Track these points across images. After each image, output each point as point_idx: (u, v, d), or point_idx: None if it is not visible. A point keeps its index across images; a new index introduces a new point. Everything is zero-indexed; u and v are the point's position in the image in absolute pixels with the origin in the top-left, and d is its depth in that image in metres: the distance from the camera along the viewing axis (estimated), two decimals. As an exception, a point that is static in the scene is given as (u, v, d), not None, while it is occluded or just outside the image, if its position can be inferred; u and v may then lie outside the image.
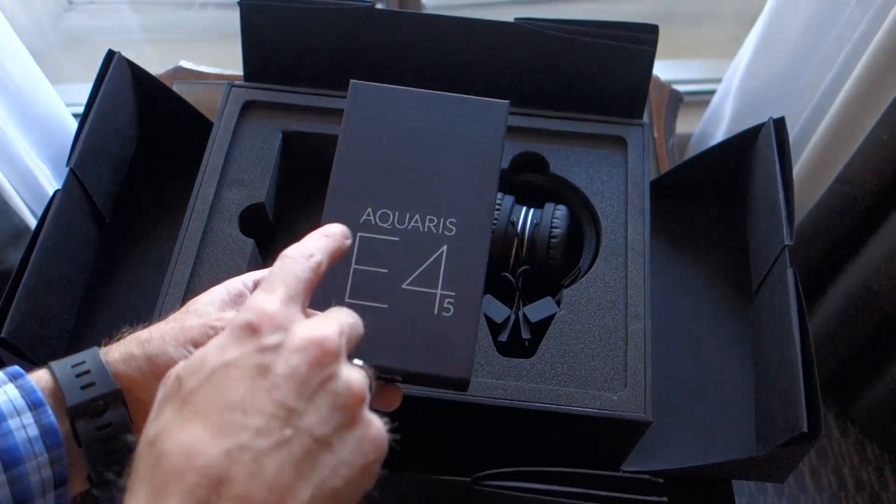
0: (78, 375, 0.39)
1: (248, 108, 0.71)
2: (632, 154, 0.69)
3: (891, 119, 0.88)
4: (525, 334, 0.62)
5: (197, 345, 0.39)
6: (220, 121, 0.70)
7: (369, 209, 0.43)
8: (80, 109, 0.69)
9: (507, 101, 0.46)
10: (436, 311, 0.41)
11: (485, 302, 0.63)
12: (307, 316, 0.35)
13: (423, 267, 0.42)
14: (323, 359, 0.32)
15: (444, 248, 0.42)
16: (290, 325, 0.33)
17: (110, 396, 0.39)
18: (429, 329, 0.41)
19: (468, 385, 0.41)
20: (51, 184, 1.04)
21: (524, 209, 0.67)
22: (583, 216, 0.68)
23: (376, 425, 0.34)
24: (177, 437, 0.30)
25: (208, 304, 0.42)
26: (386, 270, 0.42)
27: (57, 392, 0.39)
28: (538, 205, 0.68)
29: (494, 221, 0.66)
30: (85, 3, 1.34)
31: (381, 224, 0.42)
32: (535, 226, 0.66)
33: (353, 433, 0.32)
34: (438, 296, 0.41)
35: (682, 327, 0.71)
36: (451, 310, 0.41)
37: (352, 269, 0.42)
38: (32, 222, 0.96)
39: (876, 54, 0.88)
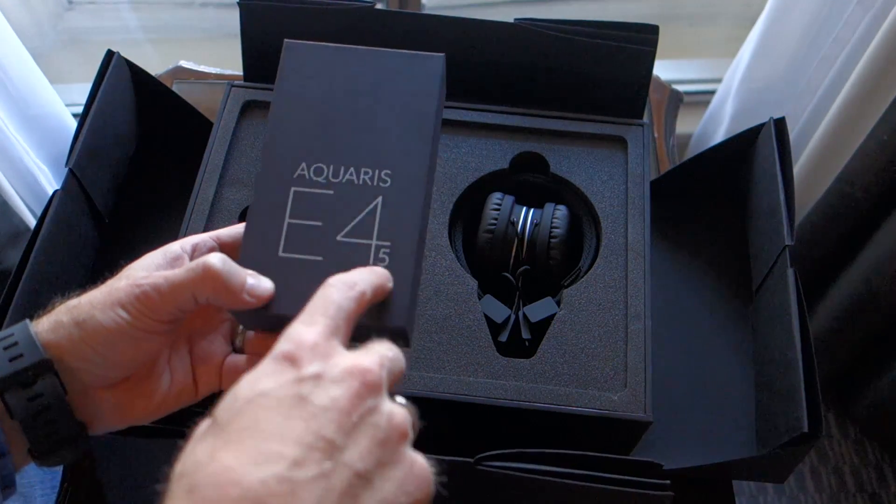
0: (6, 348, 0.39)
1: (248, 108, 0.71)
2: (632, 154, 0.69)
3: (891, 119, 0.88)
4: (525, 334, 0.62)
5: (123, 306, 0.38)
6: (220, 121, 0.70)
7: (303, 164, 0.42)
8: (80, 109, 0.69)
9: (442, 55, 0.46)
10: (371, 262, 0.40)
11: (485, 302, 0.63)
12: (348, 348, 0.34)
13: (357, 219, 0.41)
14: (364, 391, 0.31)
15: (379, 199, 0.42)
16: (331, 357, 0.32)
17: (39, 367, 0.38)
18: None
19: (408, 336, 0.40)
20: (50, 184, 1.04)
21: (524, 209, 0.67)
22: (583, 216, 0.68)
23: (420, 463, 0.32)
24: (208, 467, 0.28)
25: (141, 269, 0.41)
26: (320, 223, 0.41)
27: None
28: (538, 205, 0.68)
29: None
30: (85, 3, 1.34)
31: (315, 178, 0.42)
32: (535, 226, 0.66)
33: (395, 470, 0.31)
34: (373, 246, 0.41)
35: (682, 327, 0.71)
36: (387, 259, 0.41)
37: (286, 224, 0.41)
38: (32, 222, 0.96)
39: (876, 54, 0.88)
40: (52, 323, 0.40)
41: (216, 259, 0.38)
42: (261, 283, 0.39)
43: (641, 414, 0.57)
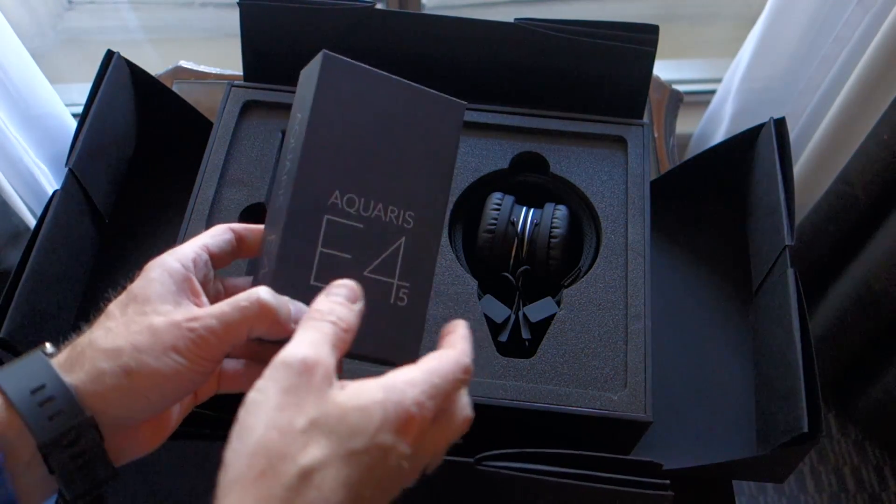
0: (41, 404, 0.36)
1: (248, 108, 0.71)
2: (632, 154, 0.69)
3: (891, 119, 0.88)
4: (525, 334, 0.62)
5: (179, 352, 0.37)
6: (220, 121, 0.70)
7: (336, 192, 0.42)
8: (80, 109, 0.69)
9: (464, 103, 0.46)
10: (392, 301, 0.42)
11: (485, 302, 0.63)
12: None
13: (383, 256, 0.43)
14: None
15: (403, 240, 0.43)
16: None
17: (83, 426, 0.36)
18: (385, 316, 0.42)
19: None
20: (50, 184, 1.04)
21: (524, 209, 0.67)
22: (583, 216, 0.68)
23: None
24: None
25: (159, 299, 0.39)
26: (350, 256, 0.42)
27: (15, 423, 0.36)
28: (538, 205, 0.68)
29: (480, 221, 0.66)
30: (85, 3, 1.34)
31: (347, 209, 0.42)
32: (535, 226, 0.66)
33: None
34: (395, 286, 0.42)
35: (682, 327, 0.71)
36: (406, 300, 0.42)
37: (318, 252, 0.42)
38: (32, 222, 0.96)
39: (876, 54, 0.88)
40: (93, 372, 0.37)
41: (267, 294, 0.38)
42: (301, 310, 0.40)
43: (641, 414, 0.57)
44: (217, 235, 0.44)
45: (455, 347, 0.38)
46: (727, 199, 0.78)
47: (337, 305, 0.38)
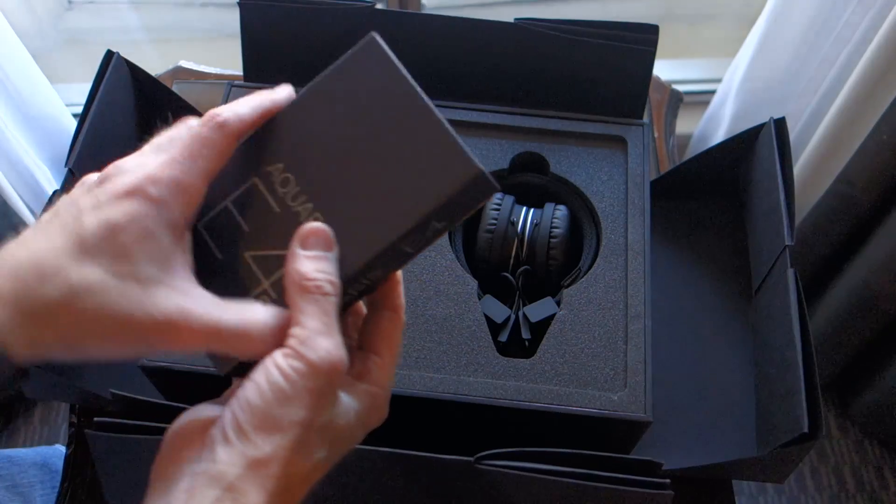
0: None
1: (247, 108, 0.71)
2: (632, 154, 0.69)
3: (891, 119, 0.88)
4: (525, 334, 0.62)
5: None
6: (220, 121, 0.69)
7: (281, 165, 0.38)
8: (80, 109, 0.69)
9: (497, 187, 0.37)
10: (252, 296, 0.37)
11: (485, 302, 0.63)
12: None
13: (274, 252, 0.37)
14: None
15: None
16: None
17: None
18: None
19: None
20: (50, 184, 1.04)
21: (524, 209, 0.67)
22: (583, 216, 0.68)
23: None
24: None
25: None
26: (247, 229, 0.38)
27: None
28: (538, 205, 0.68)
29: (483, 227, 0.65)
30: (85, 3, 1.34)
31: (278, 187, 0.38)
32: (535, 226, 0.66)
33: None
34: (263, 286, 0.37)
35: (682, 327, 0.71)
36: (268, 300, 0.37)
37: (224, 204, 0.38)
38: (32, 222, 0.96)
39: (876, 54, 0.88)
40: None
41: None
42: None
43: (641, 414, 0.57)
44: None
45: (398, 306, 0.40)
46: (727, 199, 0.78)
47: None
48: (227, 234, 0.38)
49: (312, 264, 0.35)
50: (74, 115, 1.08)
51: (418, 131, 0.36)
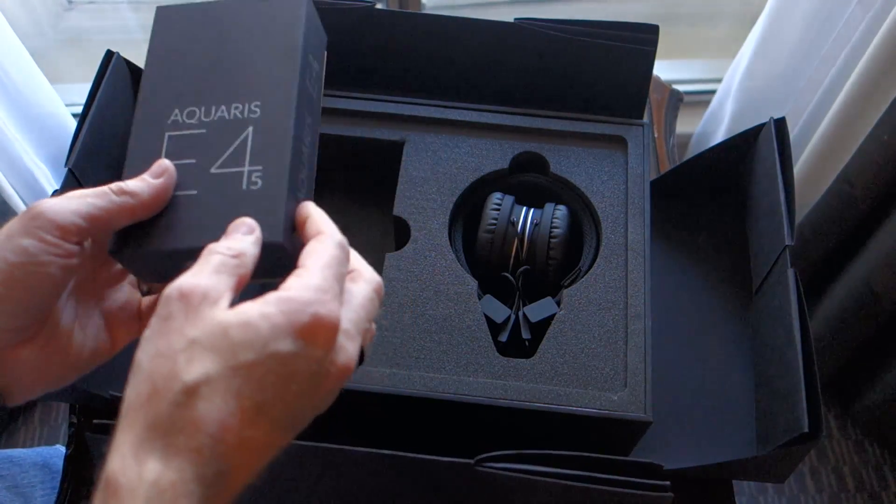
0: None
1: (247, 108, 0.71)
2: (632, 154, 0.69)
3: (891, 119, 0.88)
4: (525, 334, 0.62)
5: (25, 232, 0.37)
6: (220, 121, 0.70)
7: (176, 110, 0.43)
8: (80, 109, 0.69)
9: None
10: (244, 187, 0.41)
11: (485, 302, 0.63)
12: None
13: (229, 150, 0.42)
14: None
15: (250, 129, 0.43)
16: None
17: None
18: (239, 204, 0.41)
19: (285, 250, 0.41)
20: (50, 184, 1.04)
21: (524, 209, 0.67)
22: (583, 216, 0.68)
23: None
24: None
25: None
26: (195, 160, 0.42)
27: None
28: (538, 205, 0.68)
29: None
30: (85, 3, 1.34)
31: (187, 121, 0.43)
32: (535, 226, 0.66)
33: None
34: (246, 172, 0.42)
35: (682, 327, 0.71)
36: (259, 182, 0.41)
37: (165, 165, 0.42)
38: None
39: (876, 54, 0.88)
40: None
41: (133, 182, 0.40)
42: (158, 164, 0.41)
43: (641, 414, 0.57)
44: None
45: (322, 230, 0.39)
46: (727, 199, 0.78)
47: (227, 240, 0.38)
48: (185, 179, 0.42)
49: (220, 241, 0.38)
50: (74, 115, 1.08)
51: (243, 15, 0.46)
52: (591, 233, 0.67)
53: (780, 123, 0.69)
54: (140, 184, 0.40)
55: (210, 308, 0.34)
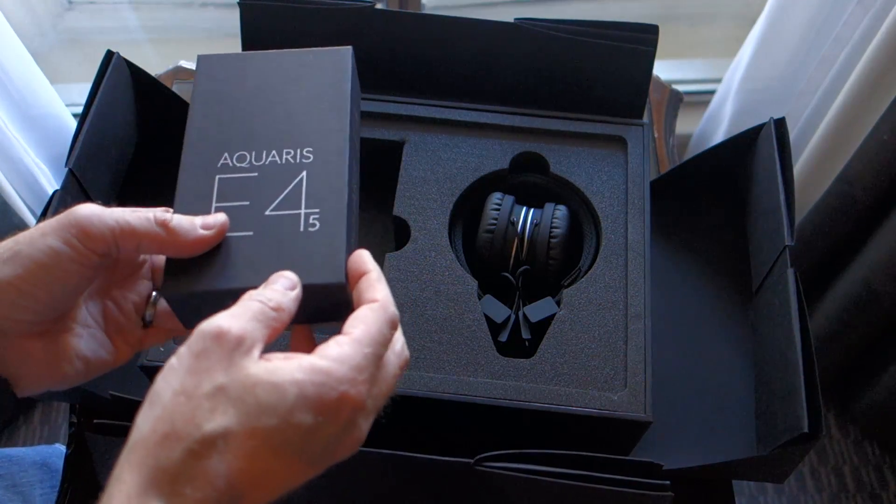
0: None
1: (247, 108, 0.71)
2: (632, 154, 0.69)
3: (891, 119, 0.88)
4: (525, 334, 0.62)
5: (56, 234, 0.38)
6: (220, 121, 0.70)
7: (225, 154, 0.44)
8: (80, 109, 0.69)
9: (349, 47, 0.48)
10: (302, 229, 0.42)
11: (485, 302, 0.63)
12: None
13: (284, 193, 0.43)
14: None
15: (304, 173, 0.43)
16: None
17: None
18: (297, 245, 0.41)
19: (345, 290, 0.41)
20: (50, 184, 1.04)
21: (524, 209, 0.67)
22: (583, 216, 0.68)
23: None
24: None
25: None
26: (248, 202, 0.43)
27: None
28: (538, 205, 0.68)
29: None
30: (85, 3, 1.34)
31: (238, 164, 0.43)
32: (535, 226, 0.66)
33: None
34: (303, 214, 0.42)
35: (682, 327, 0.71)
36: (317, 224, 0.42)
37: (213, 208, 0.42)
38: (32, 222, 0.96)
39: (876, 54, 0.88)
40: None
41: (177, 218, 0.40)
42: (216, 217, 0.41)
43: (641, 414, 0.57)
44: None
45: (376, 299, 0.38)
46: (727, 199, 0.78)
47: (268, 290, 0.38)
48: (239, 221, 0.42)
49: (261, 290, 0.38)
50: (74, 115, 1.08)
51: (290, 65, 0.47)
52: (591, 233, 0.67)
53: (780, 123, 0.69)
54: (188, 226, 0.40)
55: (243, 356, 0.34)
